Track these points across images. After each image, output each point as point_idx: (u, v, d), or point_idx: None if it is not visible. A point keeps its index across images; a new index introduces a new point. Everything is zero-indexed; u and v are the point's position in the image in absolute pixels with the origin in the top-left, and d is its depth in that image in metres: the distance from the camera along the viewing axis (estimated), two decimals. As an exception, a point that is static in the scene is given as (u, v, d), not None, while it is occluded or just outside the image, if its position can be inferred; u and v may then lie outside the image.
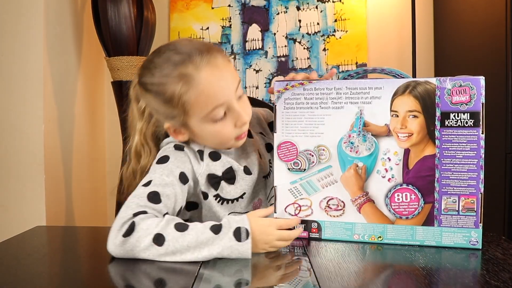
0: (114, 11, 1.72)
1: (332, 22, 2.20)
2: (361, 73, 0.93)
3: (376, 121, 0.82)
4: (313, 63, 2.21)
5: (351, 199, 0.84)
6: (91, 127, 2.08)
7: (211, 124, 0.88)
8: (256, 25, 2.24)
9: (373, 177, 0.83)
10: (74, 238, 1.00)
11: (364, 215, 0.84)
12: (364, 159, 0.83)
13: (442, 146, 0.79)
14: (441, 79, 0.79)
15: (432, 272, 0.69)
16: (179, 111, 0.87)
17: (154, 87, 0.88)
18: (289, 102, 0.87)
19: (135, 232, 0.75)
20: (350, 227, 0.85)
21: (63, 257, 0.83)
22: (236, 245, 0.75)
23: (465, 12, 1.88)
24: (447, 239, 0.80)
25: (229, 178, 0.93)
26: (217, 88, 0.86)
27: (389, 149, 0.82)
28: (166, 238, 0.74)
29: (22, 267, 0.74)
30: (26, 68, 1.61)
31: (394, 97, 0.81)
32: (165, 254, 0.74)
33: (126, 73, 1.78)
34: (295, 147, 0.87)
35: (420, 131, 0.80)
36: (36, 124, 1.61)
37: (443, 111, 0.79)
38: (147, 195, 0.81)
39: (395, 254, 0.79)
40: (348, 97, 0.84)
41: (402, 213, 0.82)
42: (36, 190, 1.60)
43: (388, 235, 0.83)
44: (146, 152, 0.95)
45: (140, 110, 0.95)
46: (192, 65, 0.85)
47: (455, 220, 0.79)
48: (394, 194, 0.82)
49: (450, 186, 0.79)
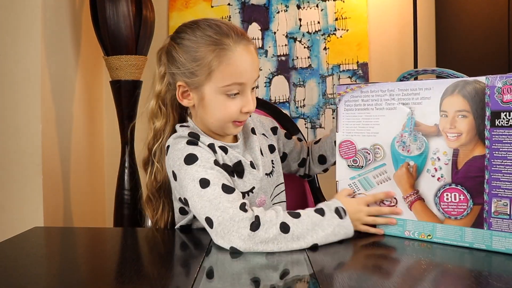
0: (113, 10, 1.72)
1: (333, 21, 2.20)
2: (414, 74, 0.95)
3: (426, 121, 0.85)
4: (313, 62, 2.21)
5: (403, 197, 0.88)
6: (89, 127, 2.09)
7: (222, 97, 0.93)
8: (256, 24, 2.24)
9: (423, 176, 0.86)
10: (72, 239, 1.01)
11: (414, 212, 0.87)
12: (415, 158, 0.87)
13: (492, 146, 0.78)
14: (491, 77, 0.78)
15: (480, 276, 0.69)
16: (202, 72, 0.92)
17: (190, 42, 0.94)
18: (349, 104, 0.95)
19: (262, 225, 0.80)
20: (401, 224, 0.89)
21: (61, 258, 0.84)
22: (341, 222, 0.84)
23: (468, 10, 1.89)
24: (498, 243, 0.78)
25: (239, 171, 0.96)
26: (243, 67, 0.93)
27: (438, 148, 0.84)
28: (289, 226, 0.80)
29: (19, 268, 0.74)
30: (24, 67, 1.61)
31: (444, 98, 0.83)
32: (291, 241, 0.80)
33: (125, 72, 1.78)
34: (354, 146, 0.94)
35: (469, 131, 0.80)
36: (33, 124, 1.61)
37: (493, 110, 0.78)
38: (222, 190, 0.85)
39: (444, 253, 0.79)
40: (400, 98, 0.88)
41: (451, 213, 0.83)
42: (33, 190, 1.61)
43: (437, 234, 0.85)
44: (163, 115, 1.01)
45: (160, 74, 1.01)
46: (232, 40, 0.92)
47: (506, 225, 0.77)
48: (443, 194, 0.84)
49: (500, 189, 0.78)
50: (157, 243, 0.93)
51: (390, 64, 2.20)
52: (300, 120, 2.21)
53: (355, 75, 2.18)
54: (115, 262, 0.81)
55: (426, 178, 0.86)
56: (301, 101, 2.21)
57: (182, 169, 0.90)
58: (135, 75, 1.79)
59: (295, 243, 0.80)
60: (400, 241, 0.87)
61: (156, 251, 0.89)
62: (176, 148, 0.94)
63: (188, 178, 0.88)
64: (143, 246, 0.94)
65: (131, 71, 1.78)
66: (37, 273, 0.73)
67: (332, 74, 2.20)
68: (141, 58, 1.80)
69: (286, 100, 2.22)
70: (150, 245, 0.94)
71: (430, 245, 0.84)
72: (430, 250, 0.82)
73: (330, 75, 2.20)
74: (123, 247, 0.92)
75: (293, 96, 2.22)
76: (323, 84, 2.20)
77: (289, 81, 2.22)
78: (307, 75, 2.21)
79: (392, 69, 2.18)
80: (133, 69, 1.78)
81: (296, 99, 2.22)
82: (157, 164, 1.01)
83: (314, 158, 1.18)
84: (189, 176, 0.88)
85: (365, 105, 0.93)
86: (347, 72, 2.19)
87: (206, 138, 0.96)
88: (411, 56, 2.06)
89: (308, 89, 2.21)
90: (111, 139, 2.21)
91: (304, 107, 2.21)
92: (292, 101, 2.22)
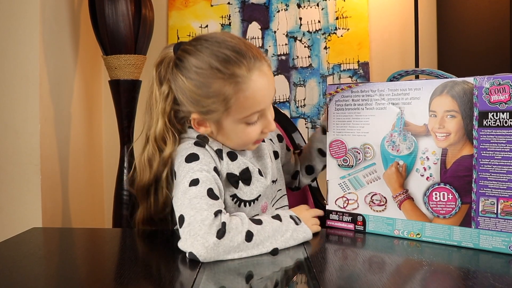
0: (112, 9, 1.72)
1: (334, 20, 2.21)
2: (404, 74, 0.96)
3: (415, 121, 0.86)
4: (314, 62, 2.21)
5: (393, 196, 0.90)
6: (88, 127, 2.09)
7: (243, 126, 0.90)
8: (256, 23, 2.24)
9: (413, 175, 0.87)
10: (71, 239, 1.01)
11: (404, 211, 0.88)
12: (404, 157, 0.88)
13: (480, 146, 0.80)
14: (479, 78, 0.79)
15: (468, 274, 0.70)
16: (219, 108, 0.88)
17: (199, 76, 0.87)
18: (339, 103, 0.96)
19: (227, 233, 0.77)
20: (391, 223, 0.90)
21: (59, 259, 0.84)
22: (297, 228, 0.86)
23: (469, 9, 1.89)
24: (485, 242, 0.79)
25: (246, 178, 0.95)
26: (261, 95, 0.88)
27: (427, 148, 0.85)
28: (253, 233, 0.79)
29: (18, 269, 0.74)
30: (22, 66, 1.61)
31: (433, 98, 0.84)
32: (252, 248, 0.79)
33: (124, 72, 1.78)
34: (344, 145, 0.95)
35: (457, 131, 0.82)
36: (32, 124, 1.61)
37: (481, 110, 0.79)
38: (206, 193, 0.83)
39: (433, 252, 0.80)
40: (390, 98, 0.89)
41: (440, 212, 0.84)
42: (32, 190, 1.60)
43: (426, 233, 0.86)
44: (171, 138, 0.93)
45: (163, 94, 0.93)
46: (245, 68, 0.86)
47: (493, 223, 0.79)
48: (432, 193, 0.85)
49: (488, 188, 0.79)
50: (156, 244, 0.92)
51: (391, 64, 2.20)
52: (301, 120, 2.21)
53: (356, 74, 2.18)
54: (114, 263, 0.81)
55: (415, 177, 0.87)
56: (302, 100, 2.21)
57: (181, 166, 0.89)
58: (134, 74, 1.79)
59: (256, 250, 0.79)
60: (389, 240, 0.88)
61: (155, 252, 0.89)
62: (182, 147, 0.93)
63: (182, 175, 0.87)
64: (142, 247, 0.94)
65: (130, 70, 1.78)
66: (35, 274, 0.73)
67: (332, 74, 2.20)
68: (140, 57, 1.80)
69: (287, 100, 2.22)
70: (149, 246, 0.93)
71: (419, 244, 0.85)
72: (419, 248, 0.83)
73: (330, 75, 2.20)
74: (122, 248, 0.92)
75: (293, 95, 2.22)
76: (324, 83, 2.20)
77: (290, 81, 2.22)
78: (307, 74, 2.21)
79: (393, 68, 2.18)
80: (132, 68, 1.77)
81: (296, 99, 2.22)
82: (166, 190, 0.94)
83: (302, 169, 1.18)
84: (184, 174, 0.87)
85: (356, 105, 0.94)
86: (348, 72, 2.19)
87: (216, 143, 0.94)
88: (412, 55, 2.06)
89: (309, 88, 2.21)
90: (110, 139, 2.21)
91: (304, 107, 2.21)
92: (292, 101, 2.22)
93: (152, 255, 0.87)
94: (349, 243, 0.90)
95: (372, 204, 0.92)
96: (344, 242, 0.90)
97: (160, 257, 0.84)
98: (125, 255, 0.87)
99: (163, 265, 0.77)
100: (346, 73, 2.19)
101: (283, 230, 0.83)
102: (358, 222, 0.94)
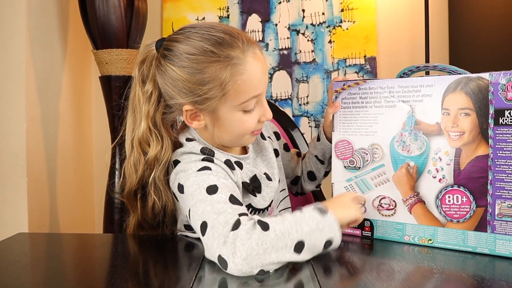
0: (102, 0, 1.72)
1: (339, 12, 2.21)
2: (415, 70, 0.96)
3: (427, 119, 0.86)
4: (318, 56, 2.21)
5: (403, 199, 0.89)
6: (77, 126, 2.09)
7: (240, 114, 0.90)
8: (256, 15, 2.24)
9: (424, 177, 0.87)
10: (59, 245, 1.01)
11: (415, 216, 0.88)
12: (415, 158, 0.88)
13: (496, 146, 0.79)
14: (495, 73, 0.79)
15: (482, 283, 0.69)
16: (216, 95, 0.86)
17: (192, 62, 0.86)
18: (346, 101, 0.96)
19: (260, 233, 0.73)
20: (401, 228, 0.90)
21: (47, 267, 0.84)
22: (321, 219, 0.76)
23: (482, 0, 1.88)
24: (502, 247, 0.79)
25: (256, 186, 0.95)
26: (258, 78, 0.88)
27: (440, 148, 0.85)
28: (302, 241, 0.74)
29: (3, 277, 0.74)
30: (7, 61, 1.61)
31: (446, 95, 0.84)
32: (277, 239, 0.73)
33: (115, 67, 1.78)
34: (351, 146, 0.95)
35: (472, 129, 0.81)
36: (17, 123, 1.61)
37: (497, 108, 0.79)
38: (228, 199, 0.81)
39: (445, 259, 0.80)
40: (400, 96, 0.89)
41: (453, 216, 0.84)
42: (17, 193, 1.60)
43: (438, 239, 0.86)
44: (155, 140, 0.92)
45: (146, 94, 0.92)
46: (239, 49, 0.86)
47: (510, 227, 0.78)
48: (445, 196, 0.85)
49: (504, 190, 0.79)
50: (149, 250, 0.93)
51: (399, 58, 2.20)
52: (304, 118, 2.21)
53: (363, 70, 2.18)
54: (105, 270, 0.81)
55: (427, 179, 0.86)
56: (305, 98, 2.21)
57: (191, 177, 0.86)
58: (126, 70, 1.79)
59: (281, 241, 0.73)
60: (399, 246, 0.88)
61: (148, 258, 0.89)
62: (188, 160, 0.90)
63: (195, 185, 0.84)
64: (134, 253, 0.95)
65: (122, 65, 1.78)
66: (21, 283, 0.73)
67: (337, 69, 2.20)
68: (132, 52, 1.80)
69: (289, 97, 2.22)
70: (142, 252, 0.94)
71: (431, 251, 0.85)
72: (431, 255, 0.82)
73: (335, 70, 2.20)
74: (114, 254, 0.92)
75: (296, 92, 2.22)
76: (328, 79, 2.20)
77: (292, 77, 2.22)
78: (310, 70, 2.21)
79: (402, 63, 2.18)
80: (124, 63, 1.77)
81: (299, 96, 2.22)
82: (154, 196, 0.92)
83: (304, 175, 1.17)
84: (197, 183, 0.84)
85: (363, 103, 0.93)
86: (354, 67, 2.19)
87: (222, 154, 0.94)
88: (422, 49, 2.06)
89: (312, 85, 2.21)
90: (101, 138, 2.22)
91: (307, 105, 2.21)
92: (295, 98, 2.22)
93: (145, 262, 0.87)
94: (356, 249, 0.89)
95: (381, 208, 0.92)
96: (350, 249, 0.89)
97: (153, 265, 0.84)
98: (117, 262, 0.87)
99: (156, 273, 0.77)
100: (352, 68, 2.19)
101: (304, 220, 0.77)
102: (365, 227, 0.94)
